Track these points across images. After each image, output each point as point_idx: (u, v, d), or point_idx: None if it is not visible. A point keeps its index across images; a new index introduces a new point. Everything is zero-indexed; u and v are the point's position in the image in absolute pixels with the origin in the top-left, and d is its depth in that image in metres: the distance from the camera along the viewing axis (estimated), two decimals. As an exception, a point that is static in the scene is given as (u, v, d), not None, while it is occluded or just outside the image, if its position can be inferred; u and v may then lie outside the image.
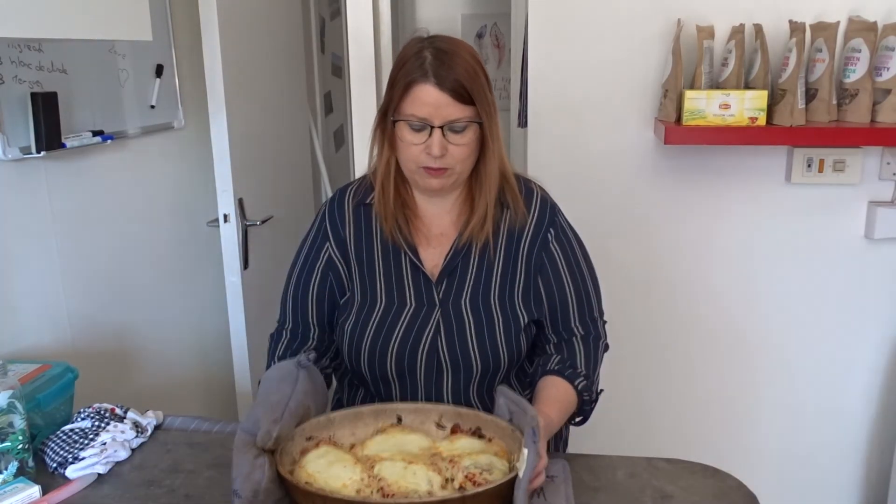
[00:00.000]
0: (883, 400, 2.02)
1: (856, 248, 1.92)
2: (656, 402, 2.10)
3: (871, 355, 1.99)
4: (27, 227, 1.58)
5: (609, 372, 1.53)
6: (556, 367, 1.25)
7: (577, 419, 1.29)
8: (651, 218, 1.97)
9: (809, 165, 1.87)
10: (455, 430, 1.15)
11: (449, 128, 1.18)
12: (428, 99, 1.17)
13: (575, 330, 1.30)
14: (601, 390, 1.30)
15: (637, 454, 1.18)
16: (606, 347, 1.36)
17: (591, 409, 1.28)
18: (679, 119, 1.77)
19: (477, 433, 1.13)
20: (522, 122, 2.38)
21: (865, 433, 2.05)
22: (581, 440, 1.35)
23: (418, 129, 1.19)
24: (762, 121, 1.72)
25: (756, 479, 1.18)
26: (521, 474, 0.95)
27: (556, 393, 1.21)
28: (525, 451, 0.94)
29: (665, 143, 1.77)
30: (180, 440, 1.26)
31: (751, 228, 1.95)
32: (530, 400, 1.22)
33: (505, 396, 1.10)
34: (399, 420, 1.17)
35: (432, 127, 1.17)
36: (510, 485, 0.97)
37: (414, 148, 1.20)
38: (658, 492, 1.08)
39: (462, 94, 1.17)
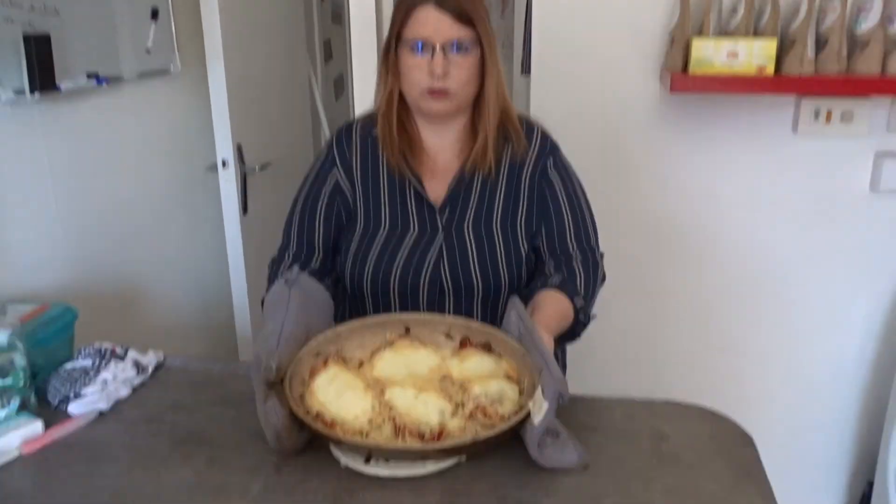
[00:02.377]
0: (881, 349, 2.05)
1: (861, 200, 1.92)
2: (658, 347, 2.13)
3: (871, 306, 2.01)
4: (23, 171, 1.58)
5: (611, 317, 1.56)
6: (556, 283, 1.28)
7: (568, 338, 1.33)
8: (655, 168, 1.97)
9: (817, 116, 1.86)
10: (464, 344, 1.18)
11: (450, 48, 1.23)
12: (429, 19, 1.22)
13: (573, 253, 1.34)
14: (594, 315, 1.33)
15: (636, 396, 1.20)
16: (603, 277, 1.39)
17: (582, 332, 1.32)
18: (686, 68, 1.76)
19: (486, 347, 1.16)
20: (525, 69, 2.37)
21: (862, 380, 2.08)
22: (580, 380, 1.37)
23: (420, 52, 1.23)
24: (770, 70, 1.71)
25: (753, 422, 1.20)
26: (535, 421, 0.98)
27: (556, 307, 1.24)
28: (545, 403, 0.97)
29: (671, 92, 1.76)
30: (181, 379, 1.28)
31: (756, 179, 1.95)
32: (527, 308, 1.24)
33: (518, 314, 1.14)
34: (407, 332, 1.20)
35: (434, 48, 1.22)
36: (521, 422, 1.00)
37: (416, 71, 1.25)
38: (655, 432, 1.10)
39: (462, 15, 1.22)
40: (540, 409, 0.97)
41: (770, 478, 1.00)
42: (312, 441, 1.05)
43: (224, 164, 2.09)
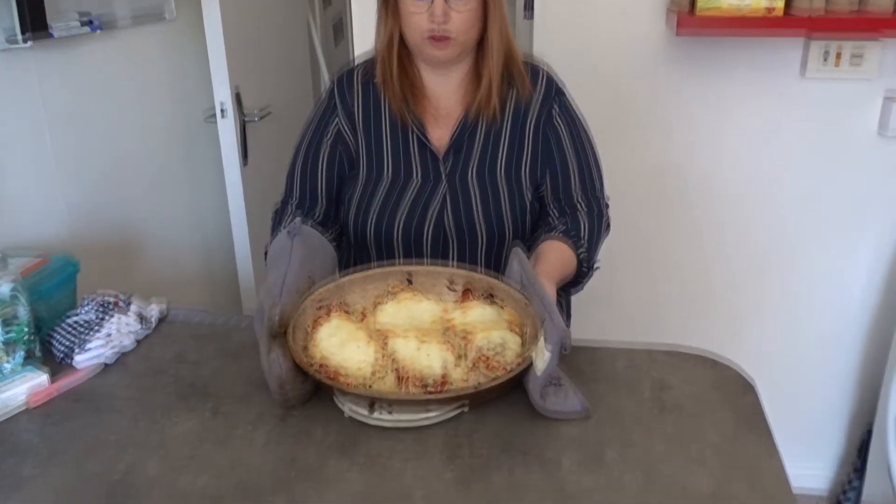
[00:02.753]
0: (884, 295, 2.05)
1: (868, 144, 1.90)
2: (661, 295, 2.14)
3: (876, 252, 2.01)
4: (19, 120, 1.56)
5: (613, 265, 1.55)
6: (560, 233, 1.27)
7: (572, 287, 1.33)
8: (661, 112, 1.94)
9: (825, 59, 1.83)
10: (466, 295, 1.18)
11: None
12: None
13: (578, 204, 1.32)
14: (597, 266, 1.33)
15: (639, 345, 1.21)
16: (608, 227, 1.38)
17: (585, 282, 1.32)
18: (692, 8, 1.72)
19: (489, 297, 1.16)
20: (529, 13, 2.32)
21: (865, 326, 2.09)
22: (584, 329, 1.38)
23: None
24: (780, 9, 1.67)
25: (755, 370, 1.20)
26: (538, 370, 0.98)
27: (559, 257, 1.23)
28: (547, 353, 0.97)
29: (677, 34, 1.73)
30: (185, 332, 1.28)
31: (762, 124, 1.92)
32: (530, 258, 1.24)
33: (520, 263, 1.13)
34: (409, 282, 1.20)
35: None
36: (524, 371, 1.01)
37: (417, 17, 1.22)
38: (657, 382, 1.10)
39: None
40: (542, 358, 0.97)
41: (771, 424, 1.01)
42: (316, 391, 1.06)
43: (223, 111, 2.07)
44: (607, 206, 1.38)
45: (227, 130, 2.09)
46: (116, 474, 0.93)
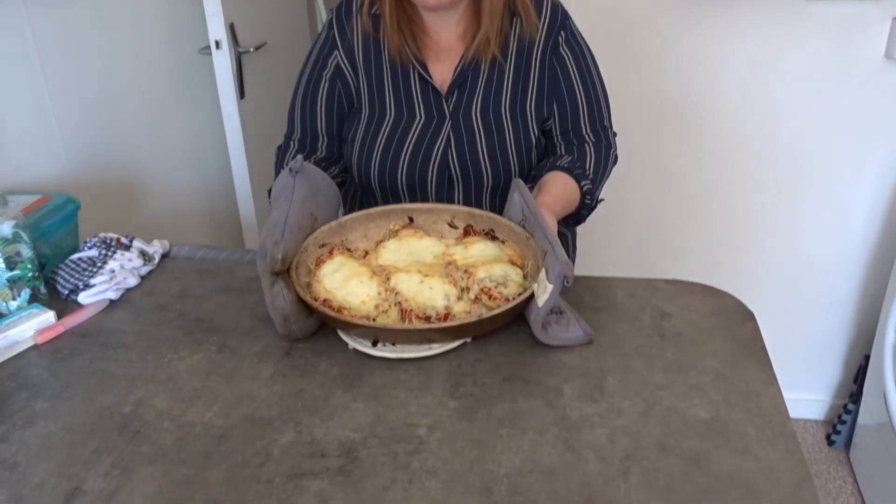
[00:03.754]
0: (886, 223, 2.05)
1: (874, 68, 1.87)
2: (663, 225, 2.14)
3: (879, 179, 2.00)
4: (10, 57, 1.53)
5: (617, 193, 1.54)
6: (565, 165, 1.26)
7: (574, 221, 1.33)
8: (666, 40, 1.90)
9: (834, -20, 1.78)
10: (468, 232, 1.19)
11: None
12: None
13: (586, 136, 1.31)
14: (601, 199, 1.33)
15: (637, 276, 1.22)
16: (616, 159, 1.37)
17: (588, 215, 1.32)
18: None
19: (490, 235, 1.17)
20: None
21: (865, 255, 2.10)
22: (587, 262, 1.39)
23: None
24: (787, -70, 1.62)
25: (755, 298, 1.22)
26: (539, 303, 0.99)
27: (563, 189, 1.23)
28: (549, 285, 0.97)
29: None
30: (188, 268, 1.29)
31: (766, 47, 1.88)
32: (533, 189, 1.24)
33: (521, 194, 1.13)
34: (411, 221, 1.21)
35: None
36: (526, 302, 1.02)
37: None
38: (657, 310, 1.11)
39: None
40: (544, 290, 0.98)
41: (770, 353, 1.03)
42: (320, 327, 1.07)
43: (217, 44, 2.03)
44: (615, 135, 1.37)
45: (223, 64, 2.05)
46: (127, 406, 0.95)
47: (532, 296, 1.01)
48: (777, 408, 0.91)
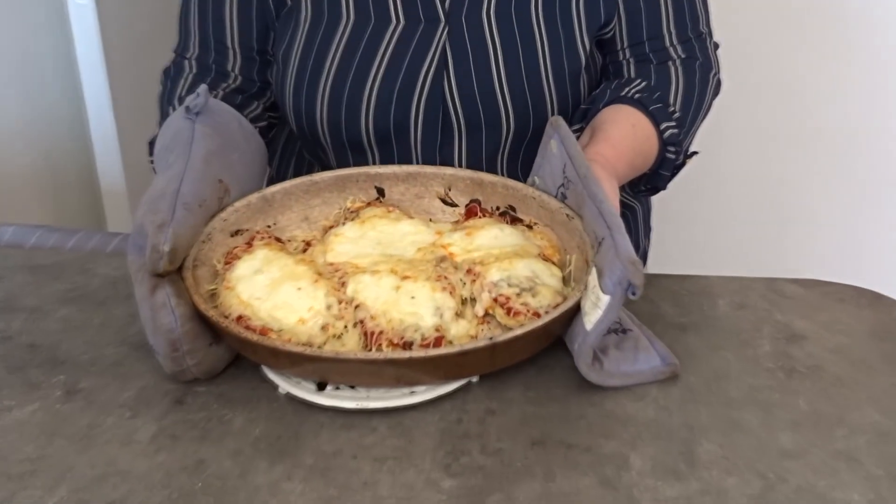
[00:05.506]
0: None
1: None
2: (780, 202, 2.15)
3: None
4: None
5: (714, 154, 1.54)
6: (635, 95, 1.26)
7: (646, 187, 1.34)
8: None
9: None
10: (472, 212, 1.19)
11: None
12: None
13: (670, 49, 1.32)
14: (694, 153, 1.33)
15: (752, 274, 1.22)
16: (718, 86, 1.37)
17: (671, 178, 1.32)
18: None
19: (508, 214, 1.17)
20: None
21: None
22: (667, 252, 1.39)
23: None
24: None
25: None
26: (588, 323, 0.99)
27: (630, 135, 1.23)
28: (603, 295, 0.97)
29: None
30: (15, 263, 1.29)
31: None
32: (580, 136, 1.24)
33: (562, 145, 1.11)
34: (380, 194, 1.21)
35: None
36: (567, 319, 1.02)
37: None
38: (782, 329, 1.12)
39: None
40: (596, 303, 0.98)
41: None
42: (234, 361, 1.07)
43: None
44: (716, 48, 1.36)
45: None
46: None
47: (576, 310, 1.01)
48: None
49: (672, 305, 1.15)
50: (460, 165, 1.32)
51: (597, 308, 0.98)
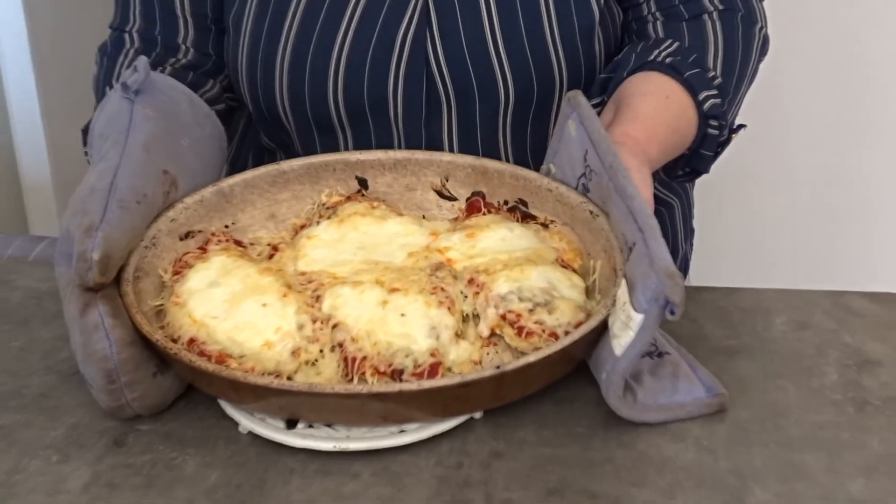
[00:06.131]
0: None
1: None
2: (843, 200, 2.15)
3: None
4: None
5: (763, 118, 1.54)
6: (666, 59, 1.26)
7: (684, 171, 1.33)
8: None
9: None
10: (475, 208, 1.20)
11: None
12: None
13: (706, 1, 1.30)
14: (741, 126, 1.33)
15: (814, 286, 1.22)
16: (766, 42, 1.38)
17: (716, 157, 1.31)
18: None
19: (518, 210, 1.18)
20: None
21: None
22: (712, 257, 1.39)
23: None
24: None
25: None
26: (618, 346, 0.99)
27: (664, 108, 1.23)
28: (636, 314, 0.97)
29: None
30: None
31: None
32: (601, 112, 1.24)
33: (582, 124, 1.11)
34: (363, 186, 1.22)
35: None
36: (591, 340, 1.02)
37: None
38: (853, 354, 1.12)
39: None
40: (627, 324, 0.97)
41: None
42: (185, 393, 1.07)
43: None
44: (761, 0, 1.37)
45: None
46: None
47: (602, 329, 1.01)
48: None
49: (718, 325, 1.16)
50: (451, 145, 1.31)
51: (628, 329, 0.98)
